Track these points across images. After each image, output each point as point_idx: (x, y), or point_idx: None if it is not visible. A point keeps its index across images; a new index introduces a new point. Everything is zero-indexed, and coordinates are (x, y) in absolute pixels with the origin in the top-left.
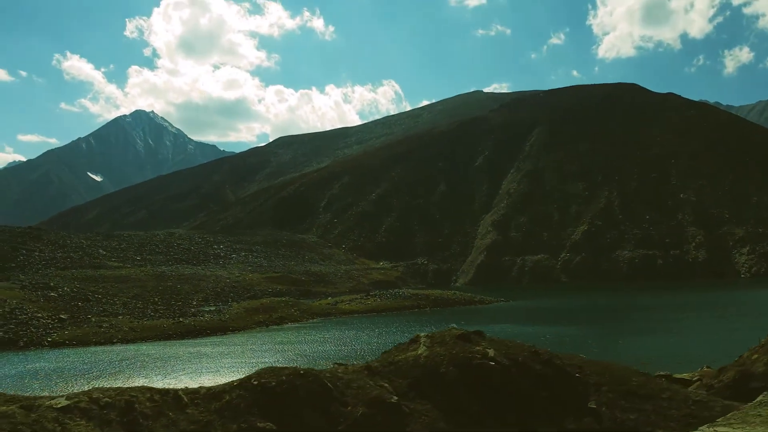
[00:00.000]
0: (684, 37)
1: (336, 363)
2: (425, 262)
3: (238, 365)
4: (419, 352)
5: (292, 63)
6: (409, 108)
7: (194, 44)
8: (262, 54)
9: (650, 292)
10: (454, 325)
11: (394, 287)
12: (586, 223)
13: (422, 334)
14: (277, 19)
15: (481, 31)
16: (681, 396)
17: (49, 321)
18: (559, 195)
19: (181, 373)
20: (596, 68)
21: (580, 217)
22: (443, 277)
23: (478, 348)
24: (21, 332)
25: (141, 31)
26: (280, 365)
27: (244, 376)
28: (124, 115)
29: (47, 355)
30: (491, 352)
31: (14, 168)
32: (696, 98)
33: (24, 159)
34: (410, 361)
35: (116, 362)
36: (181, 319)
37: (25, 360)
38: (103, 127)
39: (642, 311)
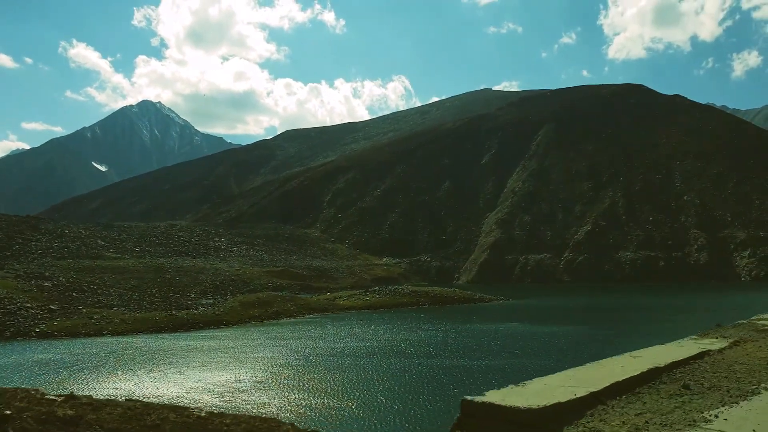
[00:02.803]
0: (694, 40)
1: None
2: (428, 259)
3: (227, 360)
4: None
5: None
6: (418, 104)
7: (203, 35)
8: (272, 46)
9: (651, 293)
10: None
11: (396, 284)
12: (589, 223)
13: None
14: (287, 12)
15: (492, 29)
16: None
17: (38, 311)
18: (565, 194)
19: (167, 367)
20: (606, 68)
21: (584, 217)
22: (446, 274)
23: None
24: (8, 322)
25: (149, 21)
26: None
27: (231, 372)
28: (131, 105)
29: (33, 346)
30: None
31: (18, 156)
32: (703, 101)
33: (28, 147)
34: None
35: (103, 355)
36: (174, 312)
37: (10, 351)
38: (109, 116)
39: (639, 311)
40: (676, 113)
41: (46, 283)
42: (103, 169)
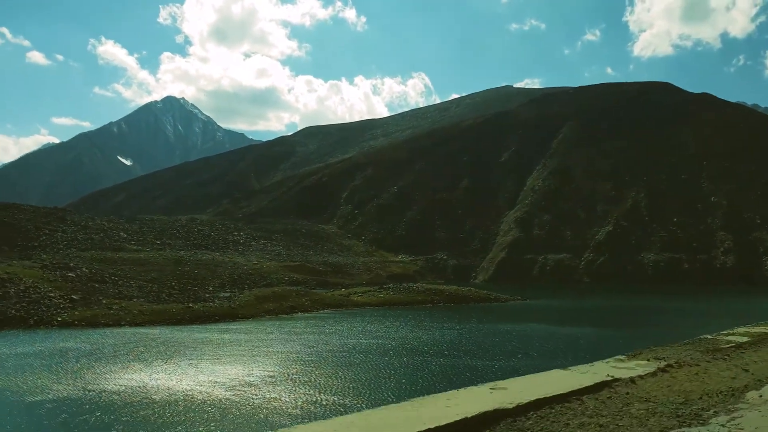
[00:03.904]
0: (724, 37)
1: None
2: (445, 257)
3: (239, 353)
4: None
5: (323, 53)
6: (438, 101)
7: (226, 32)
8: (293, 43)
9: (674, 296)
10: None
11: (412, 281)
12: (611, 223)
13: None
14: (309, 9)
15: (514, 26)
16: None
17: (60, 301)
18: (585, 193)
19: (181, 358)
20: (631, 66)
21: (605, 217)
22: (463, 273)
23: None
24: (32, 310)
25: (174, 18)
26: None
27: (244, 365)
28: (156, 101)
29: (54, 334)
30: None
31: (48, 150)
32: (734, 100)
33: (57, 141)
34: None
35: (120, 345)
36: (190, 305)
37: (33, 339)
38: (134, 112)
39: (660, 315)
40: (703, 111)
41: (70, 274)
42: (128, 163)
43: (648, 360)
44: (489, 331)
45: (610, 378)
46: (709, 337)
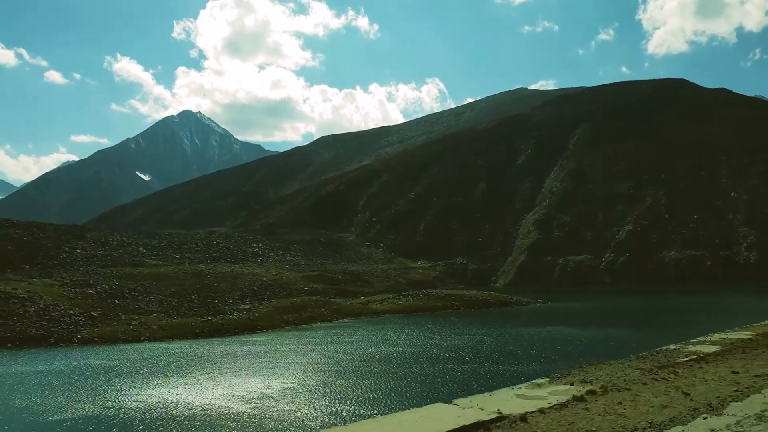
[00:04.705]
0: (740, 31)
1: None
2: (464, 261)
3: (258, 365)
4: None
5: (337, 62)
6: (453, 106)
7: (240, 45)
8: (307, 54)
9: (695, 295)
10: None
11: (432, 287)
12: (631, 222)
13: None
14: (322, 19)
15: (527, 28)
16: None
17: (80, 318)
18: (604, 194)
19: (200, 372)
20: (646, 64)
21: (625, 217)
22: (483, 277)
23: None
24: (52, 329)
25: (188, 33)
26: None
27: (262, 378)
28: (172, 116)
29: (74, 352)
30: None
31: (67, 168)
32: (751, 94)
33: (76, 158)
34: None
35: (139, 361)
36: (209, 318)
37: (52, 357)
38: (151, 127)
39: (670, 315)
40: (721, 107)
41: (90, 291)
42: (146, 178)
43: (572, 384)
44: (510, 336)
45: (495, 416)
46: (672, 347)
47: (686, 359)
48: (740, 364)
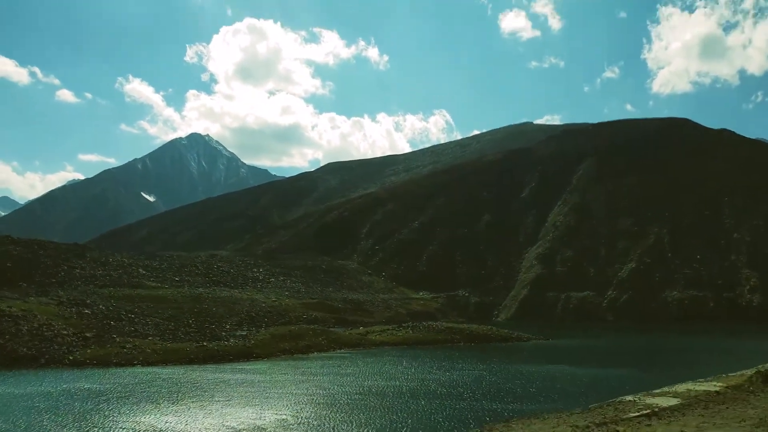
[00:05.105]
0: (742, 74)
1: None
2: (466, 294)
3: (252, 394)
4: None
5: (346, 91)
6: (459, 137)
7: (251, 70)
8: (317, 81)
9: (697, 335)
10: None
11: (433, 319)
12: (634, 260)
13: None
14: (332, 48)
15: (534, 63)
16: None
17: (73, 339)
18: (607, 229)
19: (191, 400)
20: (650, 102)
21: (628, 254)
22: (485, 310)
23: None
24: (44, 349)
25: (200, 57)
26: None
27: (255, 408)
28: (180, 138)
29: (64, 374)
30: None
31: (73, 186)
32: (753, 136)
33: (82, 177)
34: None
35: (130, 385)
36: (204, 344)
37: (41, 379)
38: (159, 148)
39: (685, 354)
40: (723, 147)
41: (86, 311)
42: (151, 199)
43: None
44: (510, 372)
45: None
46: (629, 399)
47: (636, 414)
48: (695, 422)
